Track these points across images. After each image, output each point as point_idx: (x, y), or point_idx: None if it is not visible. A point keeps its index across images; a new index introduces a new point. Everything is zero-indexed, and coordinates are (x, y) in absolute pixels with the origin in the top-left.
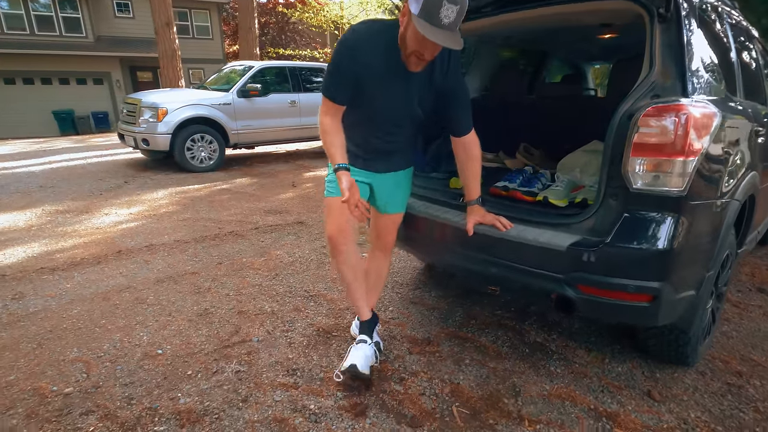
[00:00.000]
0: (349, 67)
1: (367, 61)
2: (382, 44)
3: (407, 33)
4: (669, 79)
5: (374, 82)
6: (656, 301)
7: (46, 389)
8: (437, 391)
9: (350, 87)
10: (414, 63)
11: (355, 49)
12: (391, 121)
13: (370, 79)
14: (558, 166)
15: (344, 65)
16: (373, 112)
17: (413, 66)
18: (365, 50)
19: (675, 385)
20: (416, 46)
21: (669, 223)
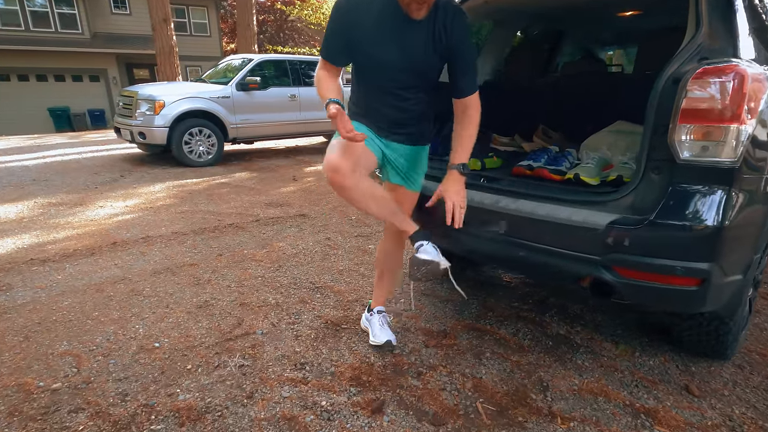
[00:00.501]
0: (345, 20)
1: (366, 13)
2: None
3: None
4: (718, 40)
5: (374, 35)
6: (705, 285)
7: (32, 385)
8: (458, 387)
9: (348, 46)
10: (416, 9)
11: (349, 8)
12: (398, 81)
13: (369, 33)
14: (581, 147)
15: (343, 21)
16: (379, 74)
17: (415, 11)
18: (361, 6)
19: (713, 380)
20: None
21: (720, 198)
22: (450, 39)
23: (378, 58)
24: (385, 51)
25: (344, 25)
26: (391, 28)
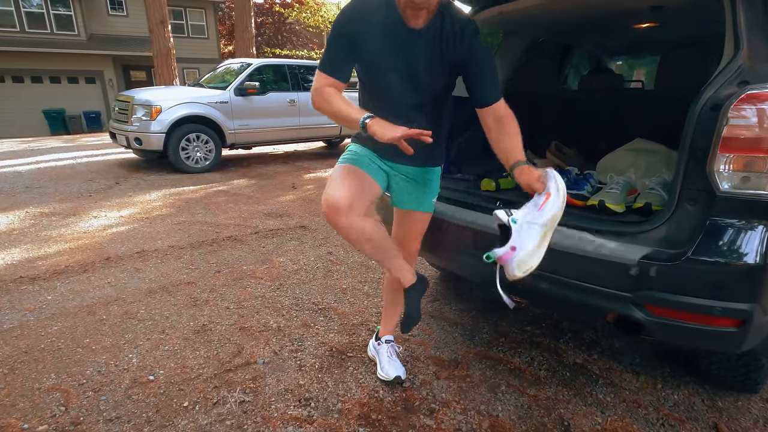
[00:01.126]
0: (348, 34)
1: (364, 26)
2: (380, 8)
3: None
4: (759, 62)
5: (380, 46)
6: (745, 326)
7: (16, 427)
8: (474, 426)
9: (349, 58)
10: (412, 15)
11: (350, 19)
12: (405, 99)
13: (369, 42)
14: (598, 166)
15: (343, 33)
16: (386, 87)
17: (411, 18)
18: (361, 17)
19: (742, 417)
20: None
21: (762, 234)
22: (461, 48)
23: (384, 68)
24: (391, 61)
25: (349, 36)
26: (397, 39)
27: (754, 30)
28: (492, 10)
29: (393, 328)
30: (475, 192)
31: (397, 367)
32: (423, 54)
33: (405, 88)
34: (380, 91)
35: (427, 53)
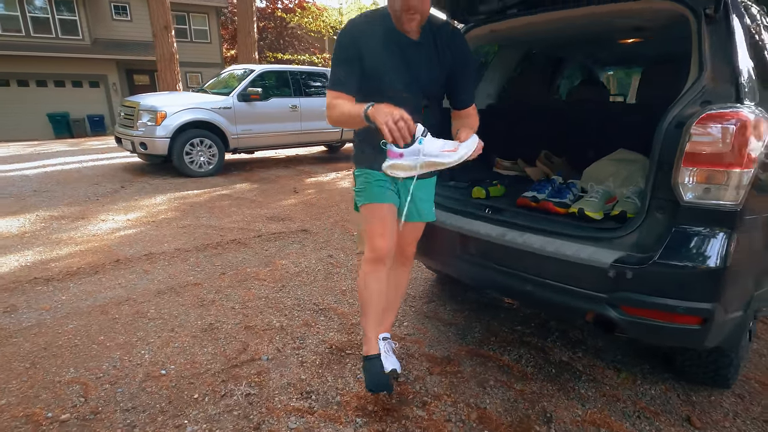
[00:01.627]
0: (353, 50)
1: (366, 40)
2: (377, 22)
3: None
4: (721, 83)
5: (381, 57)
6: (706, 324)
7: (41, 416)
8: (463, 417)
9: (357, 72)
10: (407, 20)
11: (353, 34)
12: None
13: (370, 52)
14: (583, 175)
15: (348, 48)
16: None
17: (407, 23)
18: (363, 32)
19: (714, 410)
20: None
21: (722, 240)
22: (455, 55)
23: (388, 76)
24: (393, 71)
25: (352, 51)
26: (396, 50)
27: (717, 53)
28: (484, 28)
29: (389, 326)
30: (466, 199)
31: (393, 362)
32: (424, 62)
33: (407, 94)
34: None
35: (427, 62)
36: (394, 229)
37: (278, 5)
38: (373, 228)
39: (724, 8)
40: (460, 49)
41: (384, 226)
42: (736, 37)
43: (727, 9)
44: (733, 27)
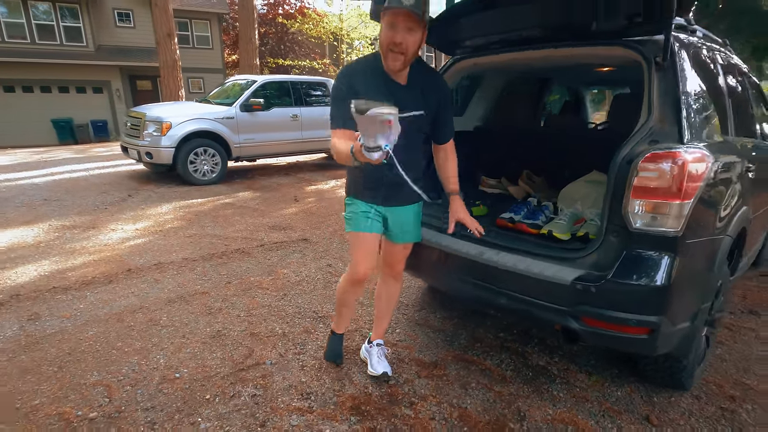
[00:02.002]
0: (348, 91)
1: (361, 81)
2: (368, 67)
3: (382, 33)
4: (666, 125)
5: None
6: (654, 334)
7: (71, 414)
8: (446, 416)
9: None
10: (392, 58)
11: (349, 75)
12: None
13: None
14: (559, 195)
15: (343, 90)
16: None
17: (392, 62)
18: (357, 74)
19: (672, 410)
20: (389, 36)
21: (666, 262)
22: (439, 98)
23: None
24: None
25: (348, 85)
26: (386, 91)
27: (664, 97)
28: (469, 60)
29: (383, 333)
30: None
31: (385, 365)
32: (411, 104)
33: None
34: None
35: (413, 103)
36: (375, 255)
37: (279, 11)
38: (357, 256)
39: (671, 57)
40: (443, 93)
41: (366, 255)
42: (681, 83)
43: (674, 58)
44: (679, 74)
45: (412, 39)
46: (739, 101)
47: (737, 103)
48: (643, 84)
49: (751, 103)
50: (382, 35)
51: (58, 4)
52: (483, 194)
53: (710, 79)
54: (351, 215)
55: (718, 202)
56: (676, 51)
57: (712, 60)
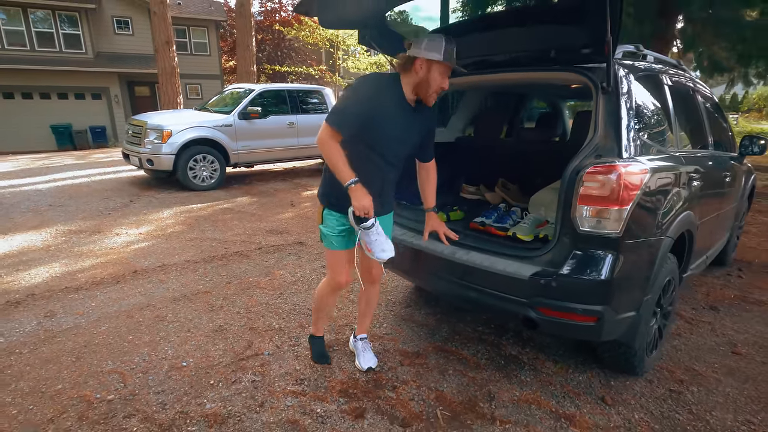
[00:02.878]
0: (370, 101)
1: (385, 99)
2: (393, 87)
3: (430, 77)
4: (609, 141)
5: (387, 115)
6: (600, 321)
7: (91, 396)
8: (424, 397)
9: (357, 124)
10: (434, 98)
11: (378, 82)
12: (392, 151)
13: (384, 113)
14: (530, 201)
15: (366, 99)
16: (379, 143)
17: (432, 100)
18: (385, 90)
19: (626, 392)
20: (441, 82)
21: (609, 259)
22: (430, 123)
23: (385, 133)
24: (392, 128)
25: (371, 98)
26: (401, 113)
27: (608, 118)
28: None
29: (366, 329)
30: None
31: (370, 358)
32: (413, 125)
33: (396, 145)
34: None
35: (415, 124)
36: (352, 264)
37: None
38: (335, 270)
39: (614, 82)
40: (431, 118)
41: (344, 267)
42: (623, 105)
43: (617, 83)
44: (621, 97)
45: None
46: (688, 117)
47: (686, 118)
48: (593, 105)
49: (703, 117)
50: (433, 79)
51: (58, 12)
52: (463, 200)
53: (656, 98)
54: (328, 233)
55: (657, 208)
56: (621, 75)
57: (659, 81)
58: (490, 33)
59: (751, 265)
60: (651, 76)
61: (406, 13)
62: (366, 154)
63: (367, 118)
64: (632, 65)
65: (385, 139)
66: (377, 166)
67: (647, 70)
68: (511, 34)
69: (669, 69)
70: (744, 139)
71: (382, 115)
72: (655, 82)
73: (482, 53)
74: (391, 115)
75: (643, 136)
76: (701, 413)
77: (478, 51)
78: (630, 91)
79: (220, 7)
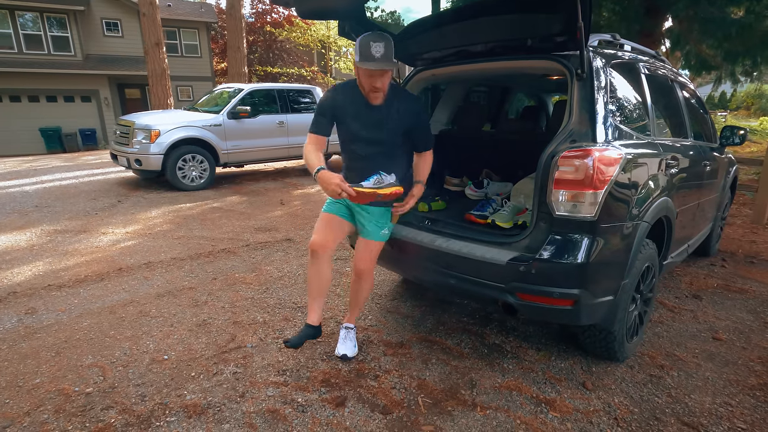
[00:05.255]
0: (330, 108)
1: (341, 102)
2: (349, 91)
3: (360, 79)
4: (584, 127)
5: (347, 115)
6: (577, 305)
7: (69, 390)
8: (406, 386)
9: (330, 123)
10: (374, 96)
11: (335, 92)
12: (364, 140)
13: (344, 114)
14: (511, 191)
15: (327, 107)
16: (352, 137)
17: (374, 99)
18: (340, 95)
19: (606, 377)
20: (368, 82)
21: (584, 242)
22: (405, 118)
23: (350, 130)
24: (354, 125)
25: (330, 106)
26: (359, 109)
27: (582, 104)
28: (426, 72)
29: (353, 319)
30: (413, 212)
31: (348, 347)
32: (376, 121)
33: (366, 140)
34: (350, 140)
35: (384, 119)
36: (327, 232)
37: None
38: (316, 228)
39: (588, 69)
40: (414, 111)
41: (320, 228)
42: (597, 92)
43: (591, 70)
44: (596, 84)
45: (387, 79)
46: (667, 106)
47: (664, 107)
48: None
49: (682, 107)
50: (363, 81)
51: (46, 14)
52: (446, 191)
53: (633, 86)
54: (327, 203)
55: (632, 193)
56: (596, 64)
57: (635, 70)
58: (466, 23)
59: (734, 255)
60: (627, 64)
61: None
62: (348, 148)
63: (332, 118)
64: (608, 53)
65: (350, 134)
66: (357, 157)
67: (623, 59)
68: (488, 24)
69: (647, 59)
70: (724, 130)
71: (342, 116)
72: (631, 70)
73: (459, 44)
74: (350, 114)
75: (618, 122)
76: (680, 396)
77: (455, 42)
78: (606, 78)
79: (211, 8)
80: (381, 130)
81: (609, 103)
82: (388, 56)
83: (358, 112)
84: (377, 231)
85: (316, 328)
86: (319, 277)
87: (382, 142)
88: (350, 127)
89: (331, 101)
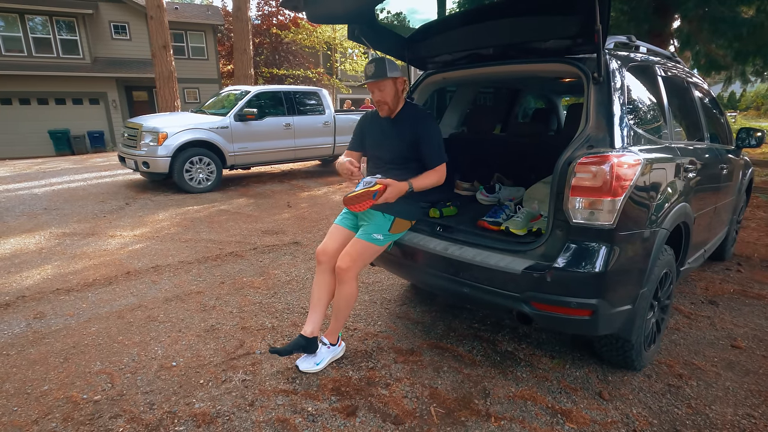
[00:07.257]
0: (360, 127)
1: (368, 122)
2: (374, 117)
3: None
4: (601, 132)
5: (367, 133)
6: (595, 315)
7: (78, 397)
8: (418, 394)
9: (360, 140)
10: (380, 109)
11: (365, 116)
12: (380, 157)
13: (366, 132)
14: (524, 196)
15: (358, 126)
16: (369, 152)
17: (381, 111)
18: (369, 117)
19: (623, 387)
20: (373, 97)
21: (603, 251)
22: (415, 135)
23: (367, 145)
24: (369, 140)
25: (360, 125)
26: (378, 130)
27: (600, 108)
28: (437, 76)
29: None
30: (425, 219)
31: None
32: (389, 138)
33: (377, 155)
34: (370, 155)
35: (391, 137)
36: (332, 239)
37: (273, 22)
38: (325, 238)
39: (605, 72)
40: (423, 128)
41: (328, 238)
42: (615, 95)
43: (608, 73)
44: (613, 87)
45: (386, 92)
46: (683, 109)
47: (680, 110)
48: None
49: (698, 110)
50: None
51: (55, 17)
52: (457, 196)
53: (649, 89)
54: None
55: (651, 199)
56: (613, 66)
57: (652, 72)
58: (479, 26)
59: (750, 259)
60: (644, 66)
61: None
62: (370, 163)
63: (360, 134)
64: (624, 56)
65: (368, 146)
66: (376, 166)
67: (640, 61)
68: (502, 26)
69: (662, 60)
70: (740, 132)
71: (365, 134)
72: (648, 73)
73: (471, 47)
74: (368, 131)
75: (636, 126)
76: (700, 407)
77: (467, 45)
78: (622, 82)
79: (218, 11)
80: (383, 146)
81: (626, 107)
82: (377, 73)
83: (373, 129)
84: (369, 232)
85: (309, 341)
86: (319, 287)
87: (387, 157)
88: (367, 142)
89: (362, 121)
